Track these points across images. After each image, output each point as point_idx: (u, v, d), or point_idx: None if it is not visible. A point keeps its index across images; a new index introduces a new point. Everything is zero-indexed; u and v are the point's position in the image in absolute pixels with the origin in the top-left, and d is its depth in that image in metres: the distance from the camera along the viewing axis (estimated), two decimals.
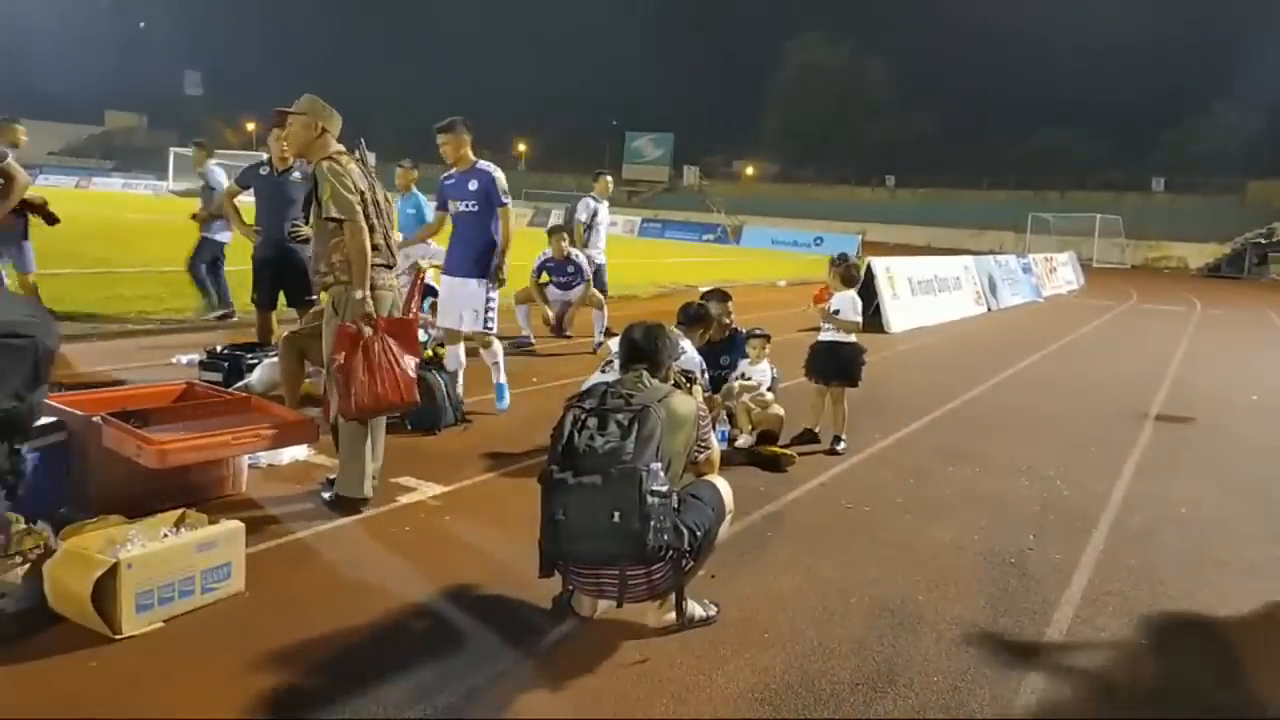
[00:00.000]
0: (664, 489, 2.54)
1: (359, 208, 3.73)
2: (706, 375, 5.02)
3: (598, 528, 2.49)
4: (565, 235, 8.52)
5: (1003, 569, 3.63)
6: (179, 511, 3.01)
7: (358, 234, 3.71)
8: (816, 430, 5.53)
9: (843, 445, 5.32)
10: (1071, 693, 2.68)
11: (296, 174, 6.21)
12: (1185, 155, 59.94)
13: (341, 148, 3.94)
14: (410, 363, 3.75)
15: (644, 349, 3.02)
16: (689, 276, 18.65)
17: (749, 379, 5.47)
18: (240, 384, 5.46)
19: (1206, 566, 3.79)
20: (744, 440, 5.26)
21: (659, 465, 2.56)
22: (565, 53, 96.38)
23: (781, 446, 5.22)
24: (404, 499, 3.99)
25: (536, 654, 2.71)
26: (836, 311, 5.37)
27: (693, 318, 5.05)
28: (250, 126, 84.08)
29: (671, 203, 65.63)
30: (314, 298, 6.31)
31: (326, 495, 3.83)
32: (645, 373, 2.91)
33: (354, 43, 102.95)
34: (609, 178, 9.98)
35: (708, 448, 2.98)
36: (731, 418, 5.39)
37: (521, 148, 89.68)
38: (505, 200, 5.45)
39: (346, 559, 3.33)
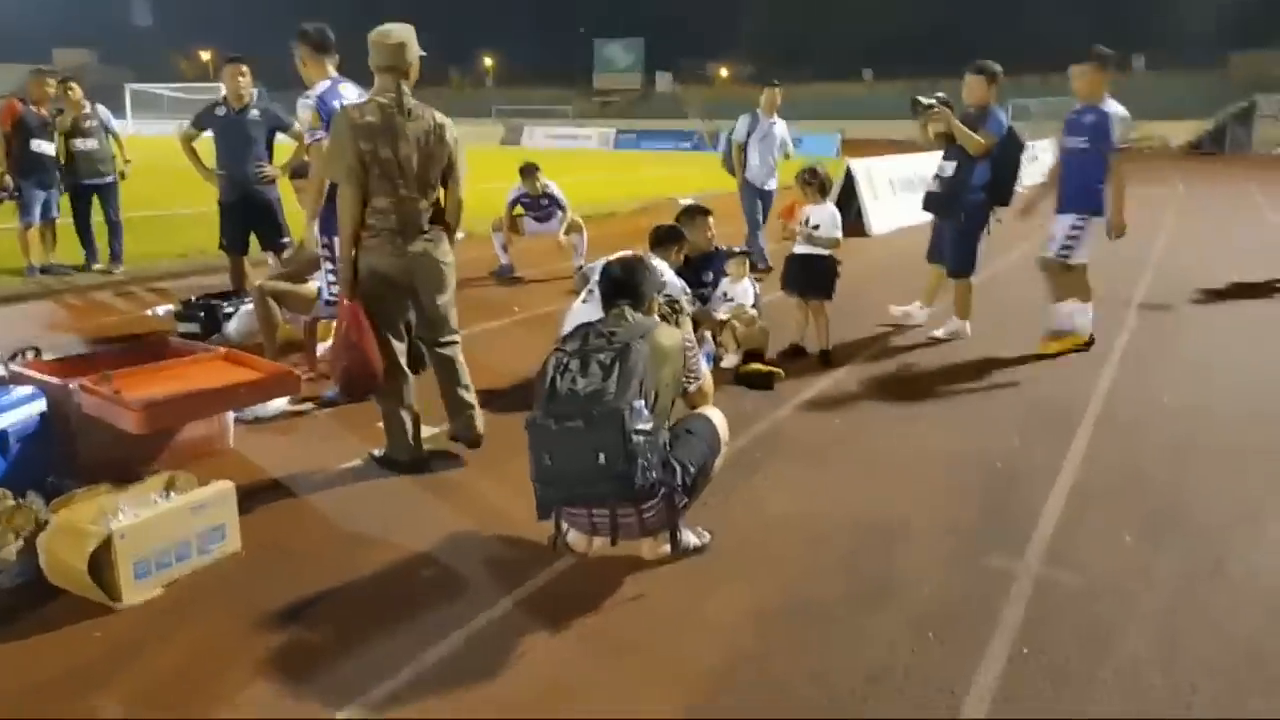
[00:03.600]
0: (648, 427, 2.53)
1: (349, 169, 3.35)
2: (689, 297, 4.99)
3: (584, 470, 2.50)
4: (535, 166, 8.29)
5: (990, 473, 3.68)
6: (168, 475, 3.00)
7: (342, 198, 3.42)
8: (802, 343, 5.53)
9: (828, 358, 5.33)
10: (1059, 598, 2.75)
11: (254, 112, 6.03)
12: (1165, 30, 58.78)
13: (386, 89, 3.44)
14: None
15: (625, 284, 2.97)
16: (668, 188, 18.42)
17: (730, 298, 5.44)
18: (217, 335, 5.41)
19: (1189, 454, 3.85)
20: (730, 359, 5.27)
21: (642, 403, 2.55)
22: None
23: (768, 362, 5.23)
24: None
25: (536, 594, 2.75)
26: (817, 227, 5.30)
27: (663, 238, 5.00)
28: (205, 56, 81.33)
29: (646, 111, 64.34)
30: (286, 240, 6.21)
31: (378, 452, 3.78)
32: (628, 308, 2.87)
33: None
34: (776, 89, 8.64)
35: (698, 378, 2.96)
36: (715, 337, 5.38)
37: (488, 62, 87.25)
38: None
39: (341, 510, 3.34)
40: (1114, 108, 5.30)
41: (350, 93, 4.22)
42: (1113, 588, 2.77)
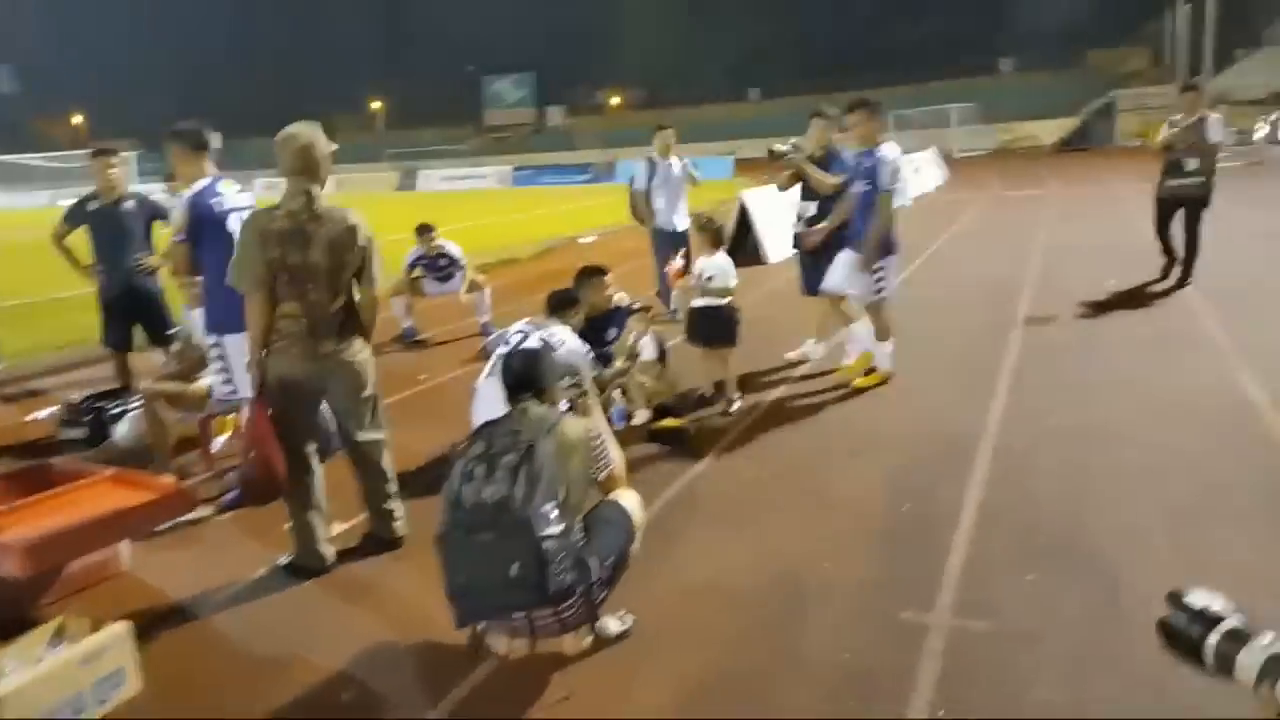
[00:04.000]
0: (559, 530, 2.53)
1: (256, 277, 3.34)
2: (591, 358, 5.01)
3: (497, 583, 2.47)
4: (430, 227, 8.21)
5: (899, 518, 3.79)
6: (57, 622, 2.84)
7: (248, 307, 3.40)
8: (710, 393, 5.61)
9: (736, 405, 5.42)
10: (971, 649, 2.84)
11: (130, 203, 5.82)
12: (1029, 32, 62.08)
13: (295, 194, 3.41)
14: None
15: (526, 377, 2.97)
16: (568, 227, 18.48)
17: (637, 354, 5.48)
18: (107, 442, 5.17)
19: (1080, 479, 4.04)
20: (641, 416, 5.30)
21: (550, 505, 2.54)
22: (409, 5, 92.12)
23: (678, 416, 5.29)
24: None
25: (460, 706, 2.69)
26: (711, 278, 5.39)
27: (559, 304, 5.01)
28: (78, 120, 78.03)
29: (542, 144, 64.56)
30: (173, 331, 5.98)
31: (284, 561, 3.66)
32: (531, 403, 2.87)
33: (180, 11, 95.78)
34: (668, 130, 8.33)
35: (608, 465, 2.96)
36: (625, 394, 5.41)
37: (375, 105, 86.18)
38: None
39: (250, 631, 3.22)
40: (885, 151, 5.53)
41: (228, 191, 4.15)
42: (1021, 633, 2.88)
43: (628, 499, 3.02)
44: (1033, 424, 4.80)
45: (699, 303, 5.47)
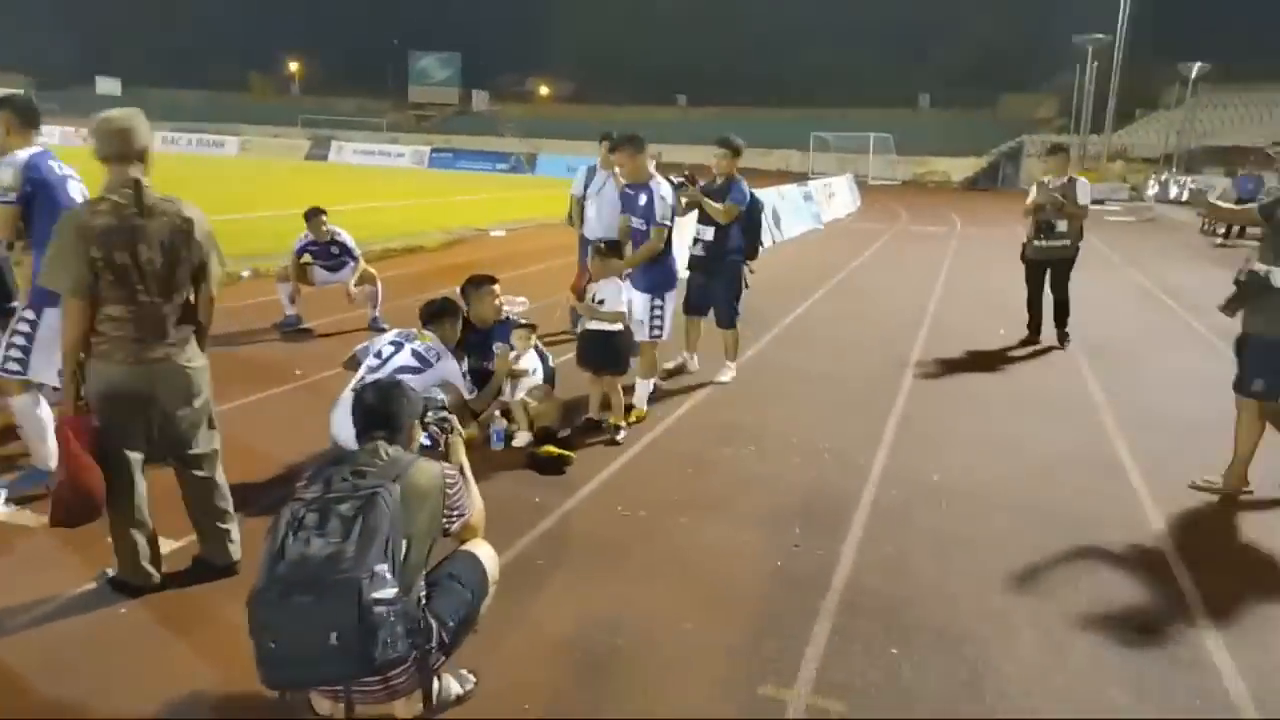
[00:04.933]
0: (391, 594, 2.28)
1: (75, 279, 2.98)
2: (468, 379, 4.78)
3: (313, 654, 2.20)
4: (322, 212, 7.78)
5: (770, 575, 3.68)
6: None
7: (66, 312, 3.04)
8: (596, 417, 5.43)
9: (621, 434, 5.25)
10: None
11: None
12: (945, 69, 64.33)
13: (119, 185, 3.06)
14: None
15: (379, 413, 2.70)
16: (480, 217, 18.06)
17: (519, 373, 5.27)
18: None
19: (953, 548, 4.01)
20: (522, 438, 5.08)
21: (385, 566, 2.29)
22: None
23: (562, 439, 5.09)
24: None
25: None
26: (602, 302, 5.20)
27: (435, 313, 4.78)
28: None
29: (463, 127, 63.43)
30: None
31: (110, 572, 3.33)
32: (382, 443, 2.61)
33: None
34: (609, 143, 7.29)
35: (462, 514, 2.72)
36: (507, 414, 5.19)
37: (294, 67, 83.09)
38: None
39: (57, 661, 2.88)
40: (663, 188, 5.68)
41: (57, 165, 3.86)
42: (876, 717, 2.79)
43: (482, 550, 2.80)
44: (914, 480, 4.78)
45: (593, 325, 5.28)
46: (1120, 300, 11.20)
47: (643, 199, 5.67)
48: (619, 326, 5.23)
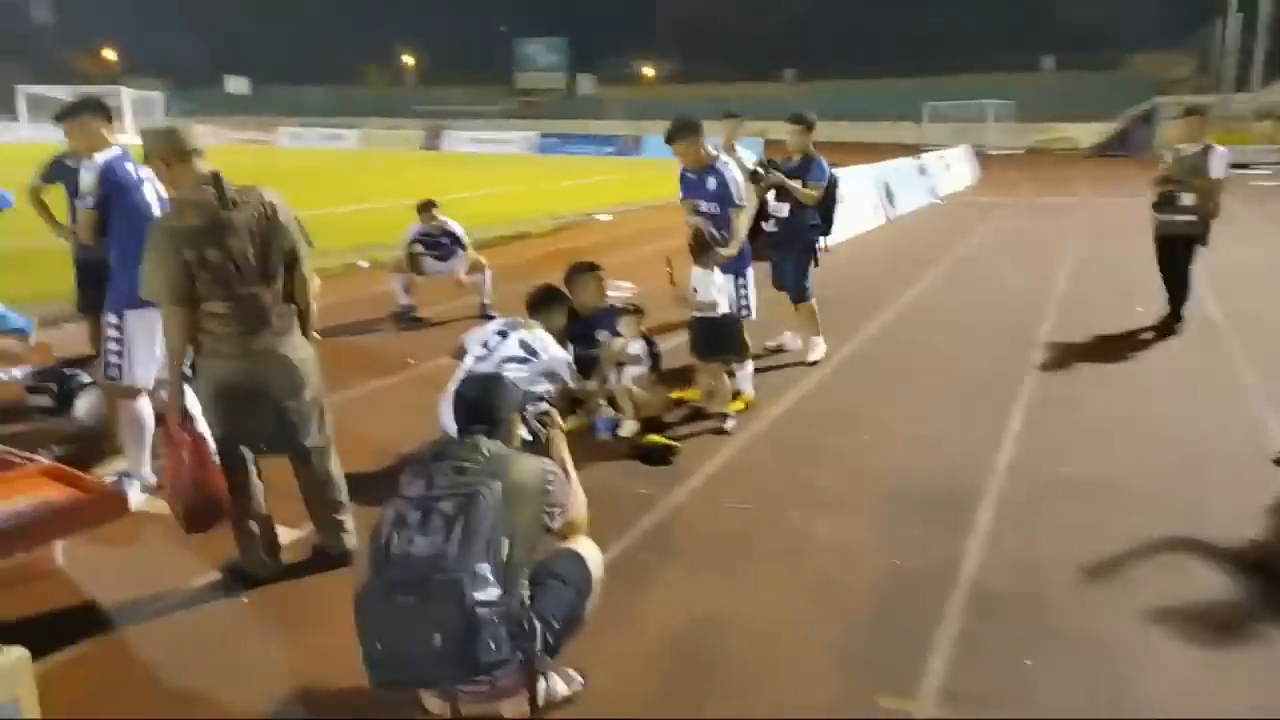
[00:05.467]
0: (495, 595, 2.24)
1: (174, 288, 3.04)
2: (573, 368, 4.72)
3: (418, 655, 2.19)
4: (433, 204, 7.90)
5: (888, 575, 3.50)
6: None
7: (165, 321, 3.16)
8: (705, 406, 5.31)
9: (730, 422, 5.11)
10: None
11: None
12: (1072, 29, 60.69)
13: (199, 182, 3.12)
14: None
15: (478, 407, 2.67)
16: (587, 202, 18.12)
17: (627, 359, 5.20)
18: (69, 414, 4.94)
19: (1089, 546, 3.70)
20: (629, 427, 5.01)
21: (487, 567, 2.25)
22: None
23: (668, 427, 5.01)
24: None
25: None
26: (694, 290, 5.06)
27: (541, 301, 4.74)
28: (110, 55, 77.74)
29: (570, 111, 63.85)
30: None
31: (228, 565, 3.44)
32: (482, 438, 2.57)
33: None
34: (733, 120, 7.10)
35: (564, 511, 2.67)
36: (613, 402, 5.13)
37: (407, 60, 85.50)
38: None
39: (176, 653, 2.98)
40: (731, 168, 5.66)
41: (134, 168, 3.99)
42: None
43: (586, 548, 2.73)
44: (1043, 472, 4.48)
45: (699, 313, 5.15)
46: (1274, 272, 10.28)
47: (711, 182, 5.57)
48: (722, 312, 5.08)
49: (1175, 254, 7.27)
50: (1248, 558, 3.61)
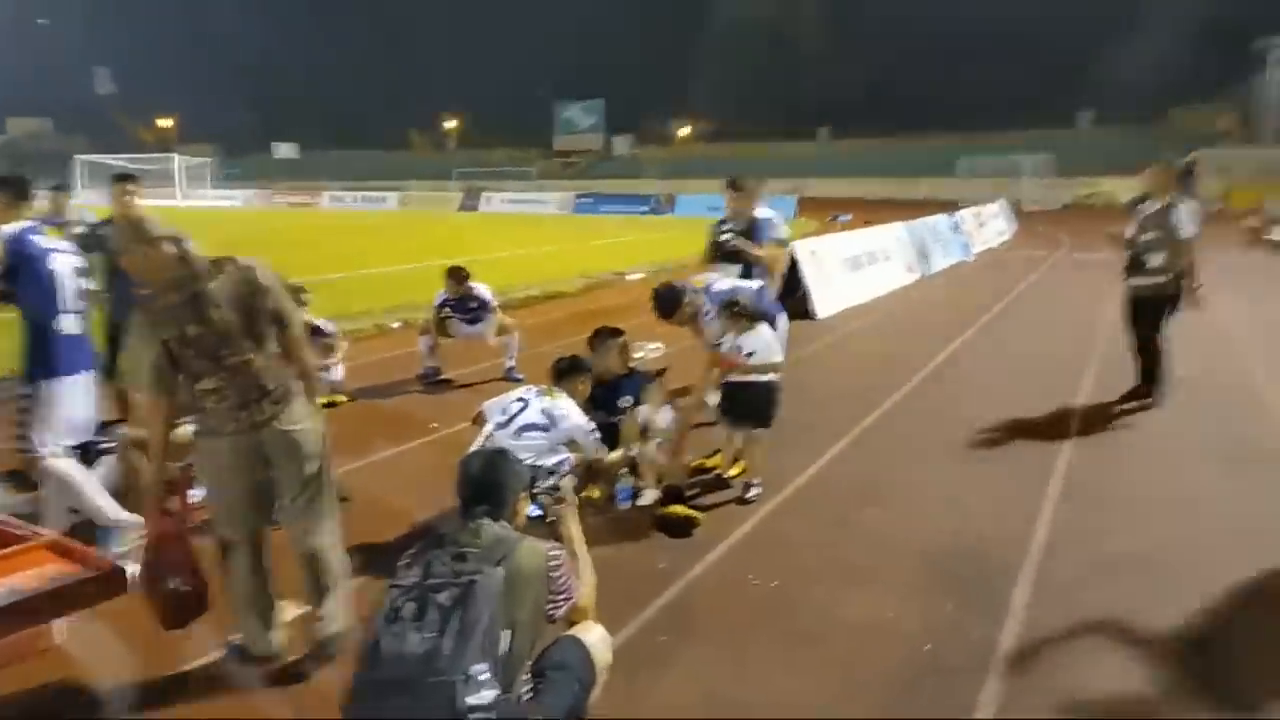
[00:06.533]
0: (490, 698, 2.11)
1: (156, 375, 2.99)
2: (595, 435, 4.62)
3: None
4: (463, 272, 7.92)
5: (916, 661, 3.30)
6: None
7: (148, 409, 3.08)
8: (727, 475, 5.17)
9: (754, 492, 4.95)
10: None
11: None
12: (1108, 85, 60.59)
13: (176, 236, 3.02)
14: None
15: (482, 485, 2.58)
16: (619, 261, 18.20)
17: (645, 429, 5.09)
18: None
19: (1135, 632, 3.48)
20: (649, 496, 4.87)
21: (483, 666, 2.13)
22: (489, 24, 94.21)
23: (689, 496, 4.86)
24: None
25: None
26: (751, 354, 4.92)
27: (565, 370, 4.68)
28: (165, 124, 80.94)
29: (607, 171, 64.96)
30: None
31: (235, 639, 3.31)
32: (485, 520, 2.47)
33: (269, 25, 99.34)
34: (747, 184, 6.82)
35: (568, 598, 2.53)
36: (634, 469, 5.01)
37: (449, 125, 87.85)
38: None
39: None
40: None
41: (41, 239, 4.10)
42: None
43: (592, 636, 2.60)
44: (1085, 547, 4.25)
45: (739, 377, 4.97)
46: None
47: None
48: (769, 376, 4.96)
49: (1147, 319, 6.72)
50: None
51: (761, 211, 6.90)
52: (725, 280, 5.73)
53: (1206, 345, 8.55)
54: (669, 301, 5.51)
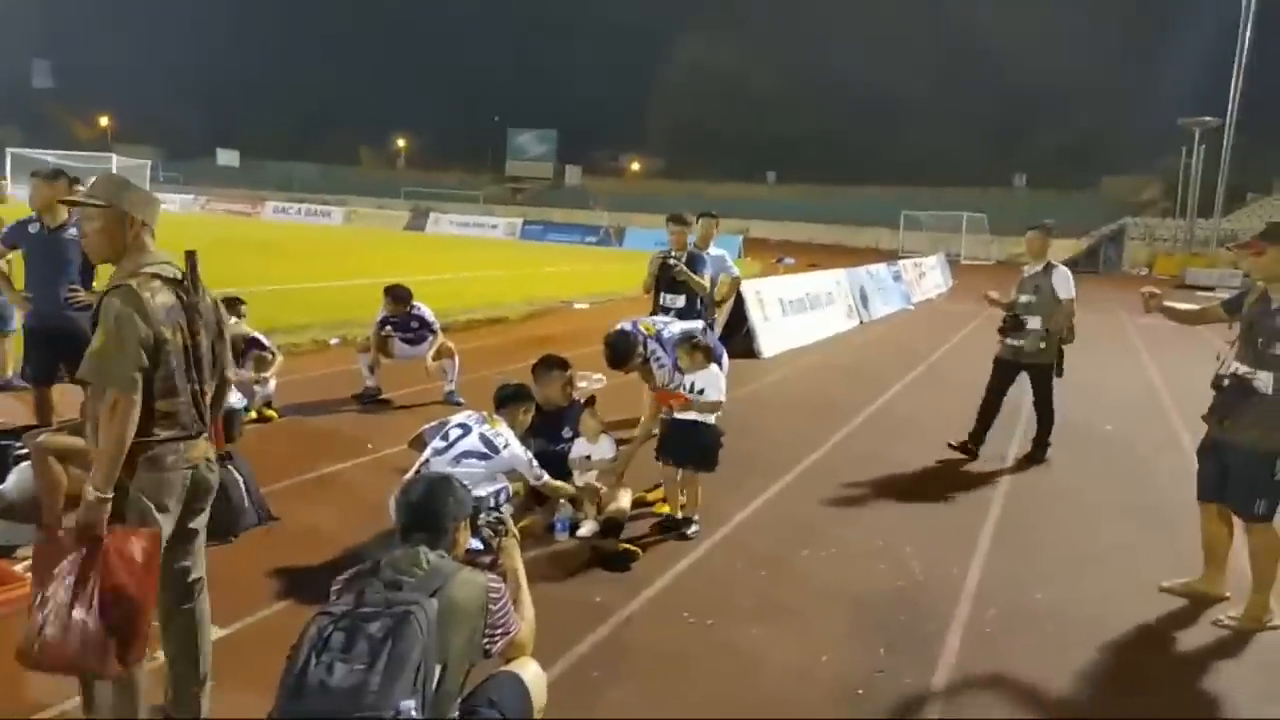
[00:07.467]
0: None
1: (138, 374, 2.56)
2: (535, 466, 4.56)
3: None
4: (404, 291, 7.81)
5: (851, 705, 3.30)
6: None
7: (120, 415, 2.53)
8: (669, 514, 5.13)
9: (694, 529, 4.94)
10: None
11: (72, 230, 5.41)
12: (1043, 150, 63.17)
13: (161, 257, 2.74)
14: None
15: (422, 511, 2.50)
16: (565, 290, 18.18)
17: (589, 457, 5.06)
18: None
19: (1064, 683, 3.55)
20: (588, 527, 4.82)
21: (412, 703, 2.05)
22: (444, 47, 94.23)
23: (628, 529, 4.82)
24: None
25: None
26: (702, 391, 4.91)
27: (507, 398, 4.65)
28: (104, 122, 78.66)
29: (556, 200, 65.06)
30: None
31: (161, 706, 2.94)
32: (424, 549, 2.39)
33: (221, 30, 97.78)
34: (698, 219, 7.46)
35: (506, 632, 2.45)
36: (575, 500, 4.95)
37: (400, 143, 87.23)
38: None
39: None
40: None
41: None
42: None
43: (527, 670, 2.54)
44: (1013, 597, 4.32)
45: (683, 415, 4.95)
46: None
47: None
48: (712, 418, 4.96)
49: (1032, 383, 6.83)
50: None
51: (714, 249, 7.20)
52: (674, 324, 5.75)
53: (1135, 401, 8.87)
54: (621, 352, 5.38)
